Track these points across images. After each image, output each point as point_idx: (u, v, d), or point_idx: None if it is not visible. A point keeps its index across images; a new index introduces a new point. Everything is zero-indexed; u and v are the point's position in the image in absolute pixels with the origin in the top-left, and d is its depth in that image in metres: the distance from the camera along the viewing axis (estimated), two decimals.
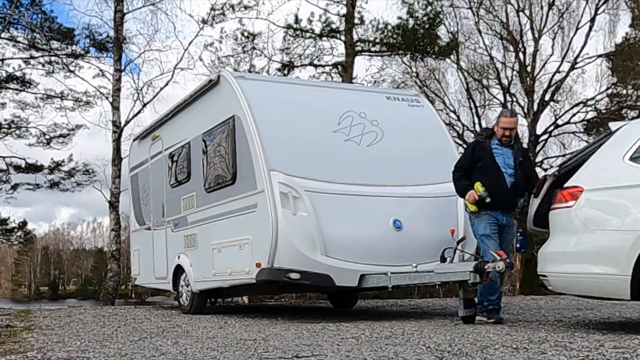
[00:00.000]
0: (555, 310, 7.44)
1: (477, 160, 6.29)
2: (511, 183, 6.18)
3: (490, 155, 6.23)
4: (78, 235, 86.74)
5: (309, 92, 7.81)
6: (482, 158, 6.25)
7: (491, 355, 3.75)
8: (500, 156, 6.24)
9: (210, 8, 19.59)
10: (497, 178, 6.17)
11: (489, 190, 6.10)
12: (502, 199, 6.15)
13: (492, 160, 6.21)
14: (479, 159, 6.27)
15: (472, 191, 6.15)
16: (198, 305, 8.21)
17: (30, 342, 5.03)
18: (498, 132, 6.26)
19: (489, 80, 22.92)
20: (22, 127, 21.69)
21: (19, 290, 72.59)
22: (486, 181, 6.15)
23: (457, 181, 6.40)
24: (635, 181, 4.65)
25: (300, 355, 3.95)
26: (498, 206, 6.16)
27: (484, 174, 6.20)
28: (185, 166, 8.45)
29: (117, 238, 17.73)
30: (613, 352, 3.68)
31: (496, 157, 6.22)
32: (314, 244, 6.35)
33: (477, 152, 6.32)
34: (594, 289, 4.88)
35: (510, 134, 6.26)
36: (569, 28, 21.67)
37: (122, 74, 18.14)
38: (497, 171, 6.18)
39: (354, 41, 19.45)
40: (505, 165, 6.21)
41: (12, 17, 19.09)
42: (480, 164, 6.25)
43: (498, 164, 6.20)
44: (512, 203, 6.23)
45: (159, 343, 4.83)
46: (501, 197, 6.14)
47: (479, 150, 6.32)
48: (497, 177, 6.17)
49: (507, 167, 6.21)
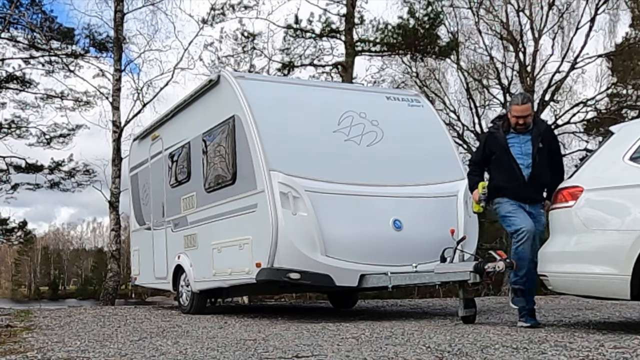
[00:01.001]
0: (555, 310, 7.44)
1: (490, 153, 5.79)
2: (528, 175, 5.56)
3: (503, 147, 5.66)
4: (78, 235, 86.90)
5: (309, 92, 7.81)
6: (496, 150, 5.73)
7: (491, 355, 3.75)
8: (516, 146, 5.63)
9: (210, 8, 19.63)
10: (512, 172, 5.60)
11: (505, 187, 5.62)
12: (520, 195, 5.60)
13: (505, 152, 5.64)
14: (493, 151, 5.76)
15: (476, 190, 5.84)
16: (198, 305, 8.21)
17: (30, 342, 5.03)
18: (511, 120, 5.66)
19: (489, 80, 22.94)
20: (22, 127, 21.72)
21: (19, 290, 72.59)
22: (501, 176, 5.69)
23: (469, 175, 6.05)
24: (635, 181, 4.65)
25: (300, 355, 3.95)
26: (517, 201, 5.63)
27: (499, 167, 5.73)
28: (185, 166, 8.45)
29: (117, 238, 17.73)
30: (613, 352, 3.68)
31: (511, 148, 5.63)
32: (314, 244, 6.35)
33: (489, 145, 5.82)
34: (594, 289, 4.88)
35: (525, 121, 5.62)
36: (569, 28, 21.69)
37: (122, 74, 18.18)
38: (511, 164, 5.59)
39: (354, 41, 19.45)
40: (523, 156, 5.59)
41: (12, 17, 19.10)
42: (494, 157, 5.75)
43: (512, 156, 5.60)
44: (532, 198, 5.62)
45: (159, 343, 4.83)
46: (519, 193, 5.59)
47: (492, 142, 5.80)
48: (512, 170, 5.60)
49: (524, 158, 5.59)
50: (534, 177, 5.58)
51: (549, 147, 5.67)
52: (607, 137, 5.24)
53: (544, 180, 5.61)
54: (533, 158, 5.57)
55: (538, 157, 5.57)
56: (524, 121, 5.62)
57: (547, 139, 5.67)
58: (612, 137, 5.13)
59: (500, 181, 5.70)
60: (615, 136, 5.11)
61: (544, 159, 5.60)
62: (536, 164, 5.57)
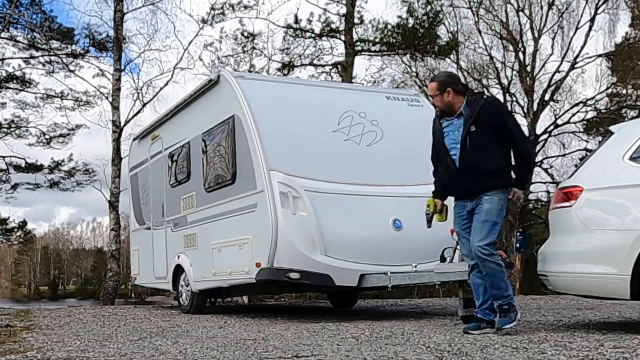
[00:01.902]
0: (555, 310, 7.44)
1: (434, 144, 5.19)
2: (459, 167, 4.91)
3: (439, 137, 5.07)
4: (78, 235, 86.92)
5: (309, 92, 7.81)
6: (436, 142, 5.15)
7: (491, 355, 3.75)
8: (450, 135, 4.99)
9: (210, 8, 19.67)
10: (446, 165, 5.01)
11: (447, 184, 5.12)
12: (457, 192, 5.03)
13: (439, 143, 5.07)
14: (434, 143, 5.19)
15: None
16: (198, 305, 8.20)
17: (30, 342, 5.03)
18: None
19: (489, 80, 22.96)
20: (22, 127, 21.74)
21: (19, 290, 72.58)
22: (442, 171, 5.15)
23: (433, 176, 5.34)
24: (635, 181, 4.65)
25: (300, 355, 3.95)
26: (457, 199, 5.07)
27: (441, 161, 5.14)
28: (185, 166, 8.45)
29: (117, 238, 17.74)
30: (613, 352, 3.68)
31: (446, 138, 5.01)
32: (314, 244, 6.35)
33: (433, 135, 5.18)
34: (594, 289, 4.88)
35: (435, 103, 5.07)
36: (569, 28, 21.72)
37: (122, 74, 18.19)
38: (445, 156, 5.00)
39: (354, 41, 19.47)
40: (457, 144, 4.92)
41: (12, 17, 19.11)
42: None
43: (446, 146, 4.99)
44: (470, 191, 4.90)
45: (159, 343, 4.83)
46: (455, 189, 5.04)
47: (434, 133, 5.17)
48: (446, 163, 5.01)
49: (455, 146, 4.94)
50: (465, 167, 4.88)
51: (490, 125, 4.83)
52: (607, 137, 5.23)
53: (484, 167, 4.81)
54: (462, 145, 4.87)
55: (470, 143, 4.83)
56: (434, 102, 5.09)
57: (482, 117, 4.84)
58: (612, 137, 5.13)
59: (443, 178, 5.17)
60: (615, 136, 5.11)
61: (483, 143, 4.81)
62: (467, 151, 4.85)
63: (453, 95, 4.95)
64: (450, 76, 5.21)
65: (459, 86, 5.02)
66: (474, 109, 4.88)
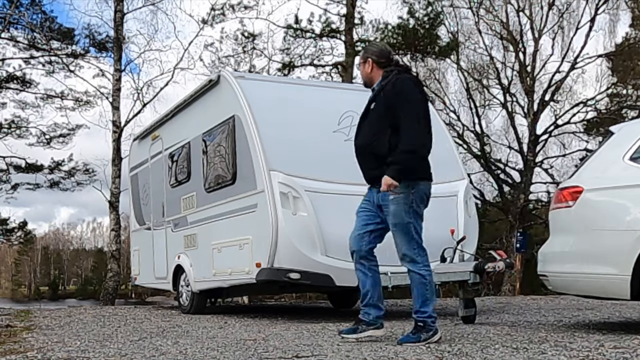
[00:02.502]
0: (555, 310, 7.44)
1: None
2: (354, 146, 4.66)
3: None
4: (78, 235, 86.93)
5: (309, 92, 7.81)
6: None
7: (491, 355, 3.75)
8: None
9: (210, 8, 19.70)
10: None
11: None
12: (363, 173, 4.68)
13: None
14: None
15: None
16: (198, 305, 8.21)
17: (30, 342, 5.03)
18: None
19: (489, 80, 22.94)
20: (22, 127, 21.74)
21: (19, 290, 72.58)
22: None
23: None
24: (635, 181, 4.65)
25: (300, 355, 3.95)
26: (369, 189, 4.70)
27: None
28: (185, 166, 8.45)
29: (117, 238, 17.74)
30: (613, 352, 3.68)
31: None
32: (314, 244, 6.35)
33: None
34: (594, 289, 4.88)
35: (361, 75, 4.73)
36: (569, 28, 21.70)
37: (122, 74, 18.20)
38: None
39: (354, 41, 19.48)
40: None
41: (12, 17, 19.11)
42: None
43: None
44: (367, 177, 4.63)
45: (159, 343, 4.83)
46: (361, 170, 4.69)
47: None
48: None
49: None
50: (357, 149, 4.63)
51: (385, 105, 4.37)
52: (607, 137, 5.23)
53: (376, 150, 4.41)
54: (358, 124, 4.60)
55: (365, 124, 4.54)
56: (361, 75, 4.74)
57: (382, 95, 4.43)
58: (612, 137, 5.13)
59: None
60: (615, 136, 5.11)
61: (379, 125, 4.40)
62: (361, 132, 4.57)
63: (374, 67, 4.55)
64: (377, 47, 4.80)
65: (382, 59, 4.54)
66: (382, 85, 4.48)
